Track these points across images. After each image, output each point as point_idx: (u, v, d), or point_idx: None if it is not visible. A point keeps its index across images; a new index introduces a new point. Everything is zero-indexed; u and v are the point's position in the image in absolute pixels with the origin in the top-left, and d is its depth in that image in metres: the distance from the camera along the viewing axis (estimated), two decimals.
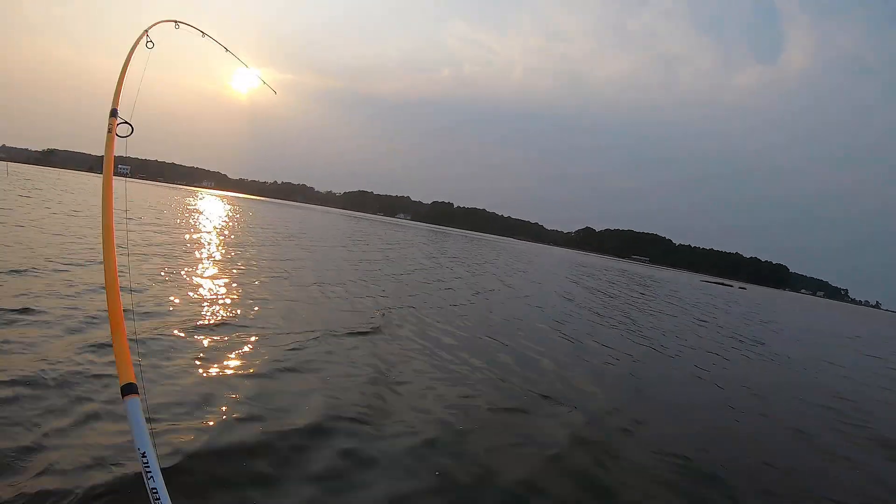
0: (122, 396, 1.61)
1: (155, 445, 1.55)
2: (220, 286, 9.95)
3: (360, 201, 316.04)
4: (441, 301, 12.53)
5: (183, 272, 10.69)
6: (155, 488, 1.46)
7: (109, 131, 2.75)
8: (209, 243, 17.61)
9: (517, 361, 7.83)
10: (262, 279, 11.42)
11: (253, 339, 6.60)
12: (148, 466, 1.49)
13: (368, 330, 8.13)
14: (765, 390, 9.01)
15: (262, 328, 7.15)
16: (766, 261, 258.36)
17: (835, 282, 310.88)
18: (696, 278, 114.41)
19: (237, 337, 6.57)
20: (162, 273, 10.20)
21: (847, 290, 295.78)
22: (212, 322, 7.02)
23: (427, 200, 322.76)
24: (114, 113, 2.89)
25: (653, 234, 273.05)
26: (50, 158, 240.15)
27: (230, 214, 40.94)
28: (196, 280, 10.20)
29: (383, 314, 9.56)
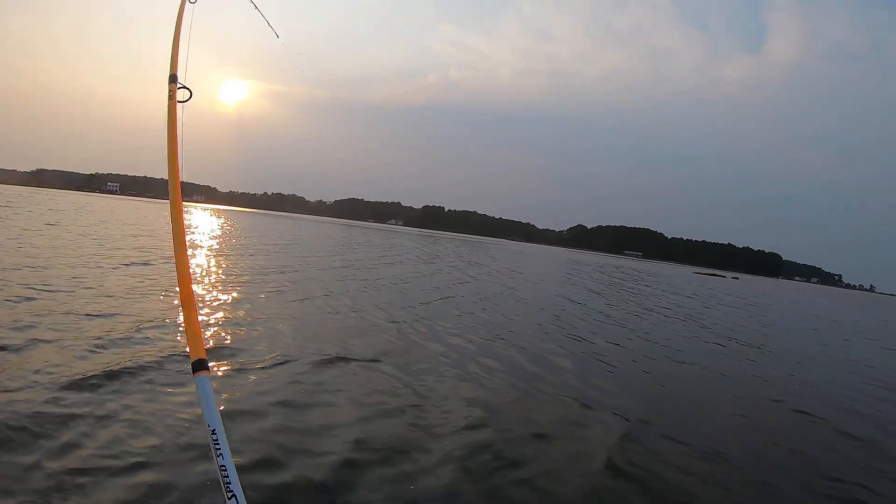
0: (193, 373, 1.66)
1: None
2: (225, 302, 9.65)
3: (351, 209, 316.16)
4: (450, 309, 12.37)
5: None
6: (223, 465, 1.48)
7: (170, 98, 2.74)
8: (207, 258, 17.51)
9: (543, 368, 7.73)
10: (267, 292, 11.26)
11: (269, 358, 6.29)
12: (217, 443, 1.52)
13: (387, 345, 7.91)
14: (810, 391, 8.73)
15: (276, 346, 6.84)
16: (759, 250, 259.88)
17: (827, 268, 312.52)
18: (689, 270, 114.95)
19: (249, 360, 6.21)
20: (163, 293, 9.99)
21: (840, 275, 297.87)
22: (222, 344, 6.67)
23: (418, 205, 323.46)
24: (173, 79, 2.90)
25: (645, 228, 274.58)
26: (39, 178, 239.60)
27: (224, 228, 41.07)
28: (203, 298, 9.88)
29: (398, 328, 9.21)
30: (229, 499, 1.44)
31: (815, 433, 6.37)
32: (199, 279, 12.01)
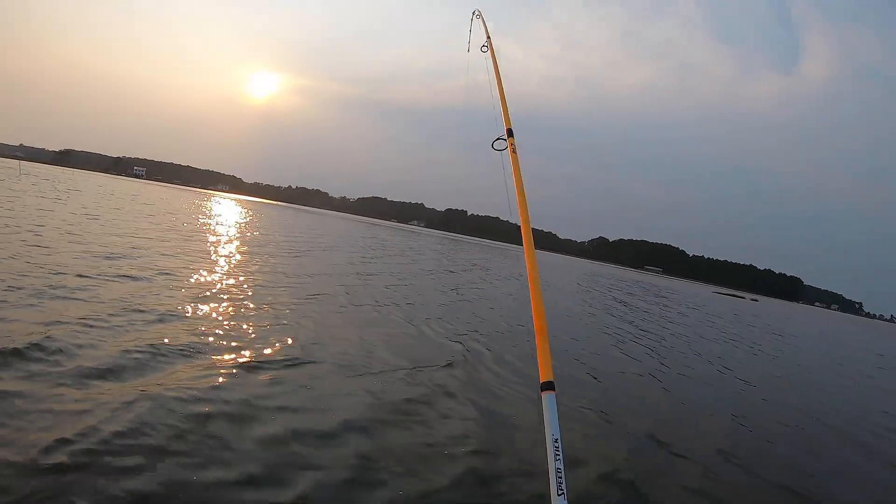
0: (542, 391, 1.98)
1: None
2: (272, 311, 8.79)
3: (374, 207, 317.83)
4: (505, 324, 12.10)
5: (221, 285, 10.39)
6: (559, 469, 1.80)
7: (514, 151, 3.22)
8: (225, 252, 16.84)
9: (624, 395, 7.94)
10: (320, 300, 10.63)
11: (333, 377, 5.95)
12: (558, 451, 1.83)
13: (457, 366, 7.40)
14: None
15: (332, 364, 6.38)
16: (780, 273, 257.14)
17: (848, 295, 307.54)
18: (708, 289, 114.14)
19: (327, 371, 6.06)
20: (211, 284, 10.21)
21: (861, 303, 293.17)
22: (270, 358, 6.13)
23: (441, 207, 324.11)
24: (510, 133, 3.33)
25: (666, 244, 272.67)
26: (67, 159, 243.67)
27: (251, 222, 40.99)
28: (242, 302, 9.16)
29: (464, 353, 8.26)
30: (559, 495, 1.76)
31: None
32: (263, 284, 11.46)
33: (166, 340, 6.09)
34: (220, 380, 5.23)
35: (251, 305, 8.98)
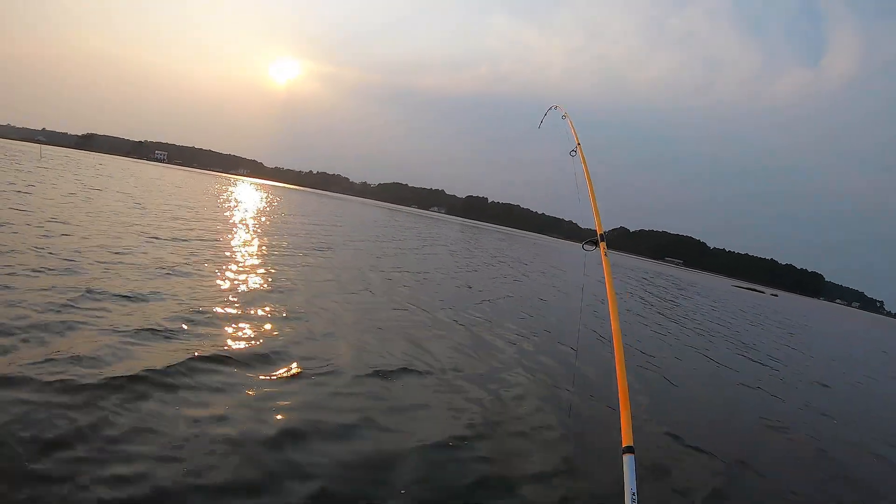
0: (623, 454, 2.21)
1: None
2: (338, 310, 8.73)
3: (394, 193, 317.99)
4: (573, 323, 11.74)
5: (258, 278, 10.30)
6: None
7: (605, 255, 3.58)
8: (258, 240, 17.02)
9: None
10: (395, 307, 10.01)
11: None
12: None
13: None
14: None
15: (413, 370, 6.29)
16: (802, 269, 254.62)
17: (870, 293, 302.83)
18: (727, 283, 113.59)
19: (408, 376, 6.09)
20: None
21: (882, 301, 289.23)
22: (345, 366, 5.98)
23: (461, 194, 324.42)
24: (602, 237, 3.73)
25: (687, 236, 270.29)
26: (89, 143, 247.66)
27: (279, 208, 41.05)
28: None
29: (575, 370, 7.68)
30: None
31: None
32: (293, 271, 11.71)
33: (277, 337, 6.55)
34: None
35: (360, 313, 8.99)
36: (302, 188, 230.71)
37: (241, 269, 11.00)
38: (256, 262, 12.34)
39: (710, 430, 6.45)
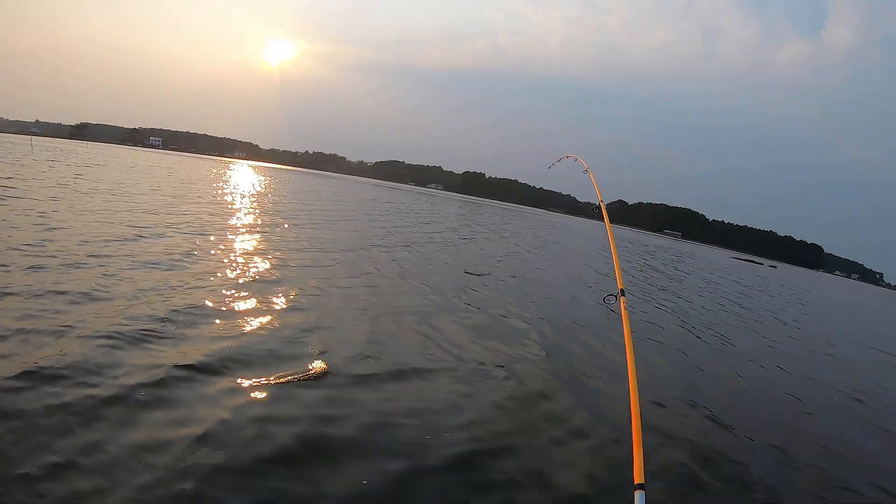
0: (634, 490, 2.29)
1: None
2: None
3: (391, 171, 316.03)
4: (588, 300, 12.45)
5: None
6: None
7: (625, 308, 3.74)
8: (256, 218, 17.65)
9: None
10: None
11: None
12: None
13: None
14: None
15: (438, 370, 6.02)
16: (801, 240, 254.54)
17: (869, 265, 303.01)
18: (726, 255, 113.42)
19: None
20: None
21: (882, 273, 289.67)
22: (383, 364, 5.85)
23: (458, 170, 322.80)
24: (623, 292, 3.94)
25: (686, 208, 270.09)
26: (83, 132, 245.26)
27: (276, 189, 41.25)
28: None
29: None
30: None
31: None
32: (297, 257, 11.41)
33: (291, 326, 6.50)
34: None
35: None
36: (298, 169, 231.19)
37: (241, 257, 10.73)
38: (258, 248, 12.18)
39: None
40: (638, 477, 2.30)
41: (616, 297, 3.94)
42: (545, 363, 6.88)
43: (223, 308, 6.85)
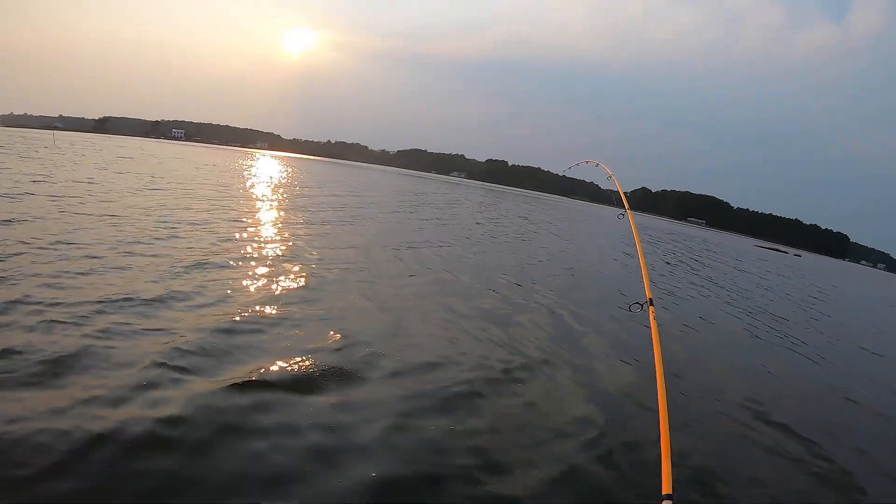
0: (662, 501, 2.27)
1: None
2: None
3: (414, 159, 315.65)
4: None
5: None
6: None
7: (654, 317, 3.60)
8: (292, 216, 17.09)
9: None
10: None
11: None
12: None
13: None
14: None
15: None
16: (827, 229, 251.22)
17: None
18: (750, 243, 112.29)
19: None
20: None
21: None
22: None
23: (481, 158, 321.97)
24: (651, 301, 3.84)
25: (710, 196, 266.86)
26: (106, 126, 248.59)
27: (300, 180, 41.46)
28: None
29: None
30: None
31: None
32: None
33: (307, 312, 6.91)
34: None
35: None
36: (321, 158, 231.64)
37: (279, 254, 10.65)
38: (294, 243, 12.07)
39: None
40: (666, 487, 2.32)
41: (643, 305, 3.96)
42: (568, 369, 6.66)
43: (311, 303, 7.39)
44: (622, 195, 6.19)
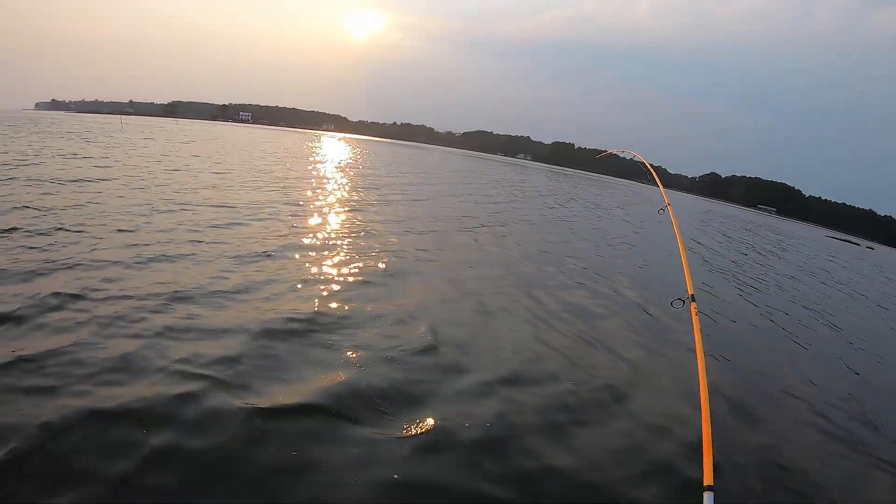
0: (704, 492, 2.32)
1: None
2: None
3: (480, 141, 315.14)
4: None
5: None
6: None
7: (696, 314, 3.76)
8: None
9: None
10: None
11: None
12: None
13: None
14: None
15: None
16: None
17: None
18: (821, 233, 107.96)
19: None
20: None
21: None
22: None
23: (547, 141, 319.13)
24: (693, 298, 3.95)
25: (781, 183, 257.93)
26: (175, 110, 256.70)
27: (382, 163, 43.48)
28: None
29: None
30: None
31: None
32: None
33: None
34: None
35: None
36: (389, 140, 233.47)
37: (355, 238, 10.87)
38: (369, 228, 12.23)
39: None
40: (707, 478, 2.35)
41: (685, 301, 3.96)
42: (618, 361, 6.75)
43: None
44: (662, 191, 5.94)
